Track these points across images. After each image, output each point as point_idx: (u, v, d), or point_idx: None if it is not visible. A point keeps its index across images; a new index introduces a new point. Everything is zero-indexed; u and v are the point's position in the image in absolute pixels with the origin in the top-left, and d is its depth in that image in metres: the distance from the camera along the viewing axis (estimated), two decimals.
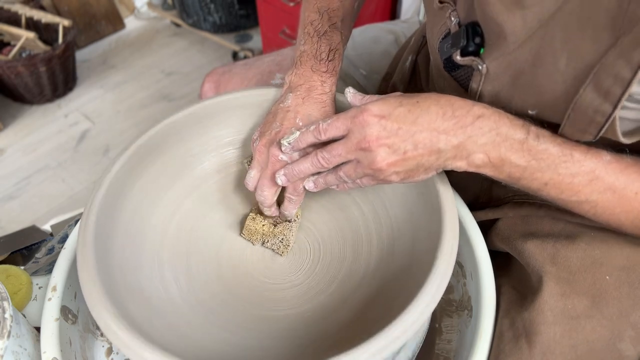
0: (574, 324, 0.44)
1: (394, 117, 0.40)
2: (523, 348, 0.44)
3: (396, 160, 0.41)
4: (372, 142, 0.40)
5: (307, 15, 0.54)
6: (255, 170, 0.51)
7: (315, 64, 0.51)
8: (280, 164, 0.48)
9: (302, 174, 0.47)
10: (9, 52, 1.77)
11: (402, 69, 0.71)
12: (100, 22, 2.20)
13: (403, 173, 0.42)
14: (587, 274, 0.47)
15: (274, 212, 0.53)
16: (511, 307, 0.48)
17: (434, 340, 0.54)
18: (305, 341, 0.46)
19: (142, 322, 0.41)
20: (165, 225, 0.53)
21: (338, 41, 0.53)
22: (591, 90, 0.36)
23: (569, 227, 0.50)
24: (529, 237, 0.51)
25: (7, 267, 0.52)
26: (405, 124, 0.40)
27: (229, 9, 2.01)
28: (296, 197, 0.50)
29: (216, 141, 0.58)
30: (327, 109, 0.50)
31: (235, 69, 0.77)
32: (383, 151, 0.40)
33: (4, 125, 1.80)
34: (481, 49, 0.44)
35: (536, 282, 0.47)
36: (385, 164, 0.41)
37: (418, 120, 0.40)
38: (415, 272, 0.44)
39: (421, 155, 0.40)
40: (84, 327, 0.50)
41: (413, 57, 0.69)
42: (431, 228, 0.45)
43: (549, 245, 0.49)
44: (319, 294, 0.51)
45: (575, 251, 0.48)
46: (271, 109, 0.52)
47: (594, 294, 0.46)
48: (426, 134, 0.40)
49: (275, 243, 0.54)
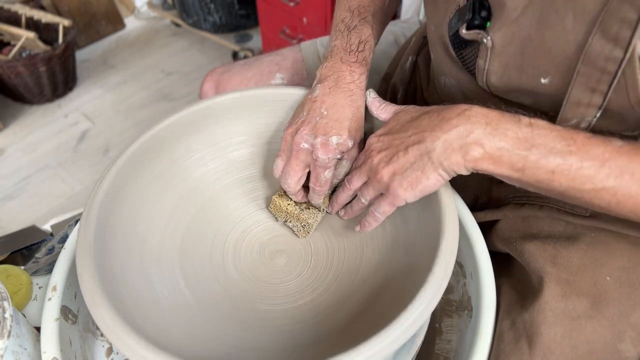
0: (574, 324, 0.44)
1: (392, 131, 0.45)
2: (523, 348, 0.44)
3: (393, 166, 0.43)
4: (374, 157, 0.45)
5: (339, 14, 0.56)
6: (280, 159, 0.52)
7: (344, 55, 0.52)
8: (302, 152, 0.49)
9: (339, 202, 0.53)
10: (9, 52, 1.77)
11: (402, 69, 0.71)
12: (100, 22, 2.20)
13: (404, 181, 0.43)
14: (587, 275, 0.47)
15: (300, 198, 0.54)
16: (512, 307, 0.48)
17: (434, 340, 0.54)
18: (305, 341, 0.46)
19: (142, 322, 0.41)
20: (164, 225, 0.53)
21: (368, 34, 0.53)
22: (599, 37, 0.36)
23: (570, 228, 0.50)
24: (529, 238, 0.50)
25: (7, 267, 0.52)
26: (398, 133, 0.44)
27: (229, 9, 2.01)
28: (319, 187, 0.51)
29: (216, 141, 0.58)
30: (354, 97, 0.50)
31: (234, 68, 0.77)
32: (382, 161, 0.44)
33: (4, 125, 1.80)
34: (487, 22, 0.43)
35: (537, 283, 0.47)
36: (384, 171, 0.44)
37: (409, 127, 0.44)
38: (415, 271, 0.44)
39: (414, 157, 0.42)
40: (84, 327, 0.50)
41: (413, 58, 0.69)
42: (431, 228, 0.45)
43: (550, 246, 0.49)
44: (317, 293, 0.51)
45: (576, 252, 0.48)
46: (301, 101, 0.53)
47: (594, 294, 0.46)
48: (414, 137, 0.42)
49: (296, 225, 0.55)
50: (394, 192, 0.43)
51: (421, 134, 0.42)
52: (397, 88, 0.71)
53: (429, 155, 0.41)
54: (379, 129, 0.47)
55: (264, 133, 0.59)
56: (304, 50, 0.79)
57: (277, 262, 0.54)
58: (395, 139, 0.44)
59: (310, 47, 0.79)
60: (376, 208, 0.47)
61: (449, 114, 0.40)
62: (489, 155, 0.39)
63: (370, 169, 0.46)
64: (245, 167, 0.59)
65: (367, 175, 0.47)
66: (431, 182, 0.42)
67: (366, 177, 0.47)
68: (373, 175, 0.45)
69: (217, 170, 0.58)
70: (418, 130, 0.42)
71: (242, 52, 2.00)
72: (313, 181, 0.51)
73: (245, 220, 0.57)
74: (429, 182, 0.42)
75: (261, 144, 0.59)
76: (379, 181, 0.44)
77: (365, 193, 0.48)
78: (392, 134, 0.45)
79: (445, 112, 0.41)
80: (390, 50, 0.77)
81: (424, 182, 0.42)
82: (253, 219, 0.58)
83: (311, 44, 0.79)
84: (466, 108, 0.40)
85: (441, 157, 0.40)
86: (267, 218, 0.58)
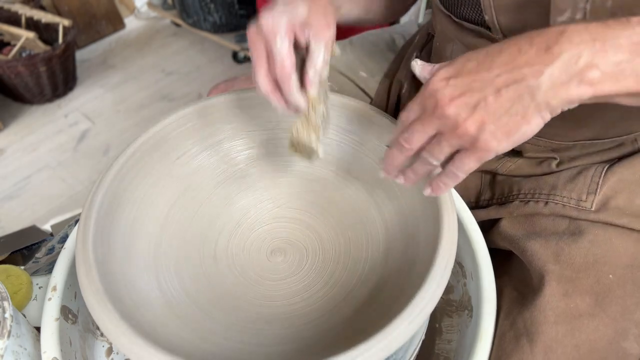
0: (576, 323, 0.44)
1: (465, 72, 0.35)
2: (525, 347, 0.44)
3: (480, 115, 0.34)
4: (446, 105, 0.35)
5: None
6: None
7: None
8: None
9: (396, 164, 0.41)
10: (9, 52, 1.77)
11: (406, 65, 0.70)
12: (100, 22, 2.20)
13: (497, 130, 0.34)
14: (590, 272, 0.46)
15: (293, 86, 0.44)
16: (513, 307, 0.48)
17: (434, 340, 0.54)
18: (303, 340, 0.46)
19: (142, 321, 0.41)
20: (164, 225, 0.53)
21: None
22: None
23: (573, 226, 0.50)
24: (532, 236, 0.50)
25: (7, 267, 0.52)
26: (478, 74, 0.35)
27: (229, 9, 2.01)
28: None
29: (215, 141, 0.58)
30: None
31: (237, 83, 0.76)
32: (461, 110, 0.35)
33: (4, 125, 1.80)
34: None
35: (538, 282, 0.47)
36: (469, 122, 0.34)
37: (492, 65, 0.35)
38: (414, 271, 0.44)
39: (509, 100, 0.34)
40: (84, 327, 0.50)
41: (417, 54, 0.68)
42: (429, 227, 0.45)
43: (553, 244, 0.48)
44: (317, 293, 0.51)
45: (579, 249, 0.47)
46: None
47: (597, 292, 0.45)
48: (506, 76, 0.34)
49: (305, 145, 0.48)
50: (485, 145, 0.35)
51: (516, 71, 0.33)
52: (402, 83, 0.70)
53: (531, 96, 0.33)
54: (439, 70, 0.37)
55: (262, 132, 0.59)
56: None
57: (277, 262, 0.54)
58: (474, 80, 0.35)
59: None
60: (458, 166, 0.37)
61: (545, 42, 0.33)
62: (609, 76, 0.32)
63: (444, 122, 0.36)
64: (245, 167, 0.60)
65: (437, 129, 0.37)
66: (532, 127, 0.35)
67: (433, 131, 0.37)
68: (450, 130, 0.36)
69: (217, 169, 0.58)
70: (509, 68, 0.34)
71: (242, 52, 2.00)
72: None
73: (245, 219, 0.57)
74: (530, 127, 0.34)
75: (260, 144, 0.59)
76: (461, 135, 0.35)
77: (435, 152, 0.38)
78: (468, 75, 0.35)
79: (538, 40, 0.33)
80: (390, 52, 0.77)
81: (524, 128, 0.34)
82: (253, 218, 0.58)
83: None
84: (562, 30, 0.33)
85: (548, 94, 0.33)
86: (268, 216, 0.58)
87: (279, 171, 0.60)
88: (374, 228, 0.53)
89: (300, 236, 0.56)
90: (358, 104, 0.54)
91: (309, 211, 0.57)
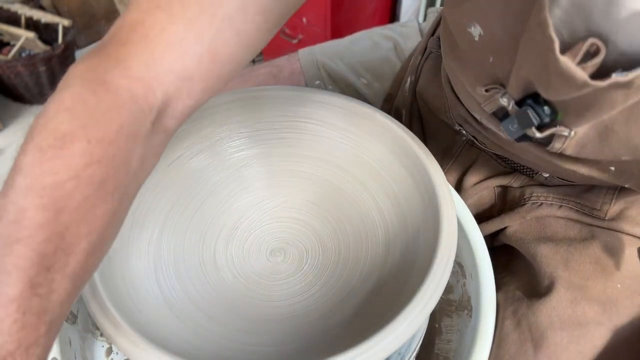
0: (582, 330, 0.44)
1: None
2: (529, 352, 0.44)
3: None
4: None
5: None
6: None
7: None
8: None
9: None
10: (8, 52, 1.77)
11: (402, 91, 0.69)
12: (100, 22, 2.20)
13: None
14: (598, 281, 0.46)
15: None
16: (517, 308, 0.48)
17: (433, 340, 0.54)
18: (303, 340, 0.46)
19: (142, 321, 0.41)
20: (163, 225, 0.53)
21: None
22: None
23: (585, 231, 0.50)
24: (543, 241, 0.50)
25: None
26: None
27: None
28: None
29: (215, 141, 0.58)
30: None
31: (231, 82, 0.76)
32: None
33: (4, 125, 1.80)
34: (557, 115, 0.35)
35: (546, 286, 0.47)
36: None
37: None
38: (414, 271, 0.44)
39: None
40: (83, 327, 0.50)
41: (412, 78, 0.66)
42: (429, 227, 0.45)
43: (563, 249, 0.48)
44: (317, 293, 0.51)
45: (589, 257, 0.47)
46: None
47: (604, 301, 0.45)
48: None
49: None
50: None
51: None
52: (400, 111, 0.68)
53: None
54: None
55: (261, 132, 0.59)
56: (302, 59, 0.76)
57: (277, 263, 0.54)
58: None
59: (309, 56, 0.76)
60: None
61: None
62: None
63: None
64: (243, 167, 0.60)
65: None
66: None
67: None
68: None
69: (217, 170, 0.58)
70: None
71: None
72: None
73: (244, 219, 0.57)
74: None
75: (259, 143, 0.59)
76: None
77: None
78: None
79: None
80: (390, 57, 0.75)
81: None
82: (252, 218, 0.58)
83: (309, 53, 0.76)
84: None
85: None
86: (267, 216, 0.58)
87: (277, 171, 0.60)
88: (374, 228, 0.53)
89: (300, 236, 0.56)
90: (358, 104, 0.54)
91: (309, 211, 0.57)
